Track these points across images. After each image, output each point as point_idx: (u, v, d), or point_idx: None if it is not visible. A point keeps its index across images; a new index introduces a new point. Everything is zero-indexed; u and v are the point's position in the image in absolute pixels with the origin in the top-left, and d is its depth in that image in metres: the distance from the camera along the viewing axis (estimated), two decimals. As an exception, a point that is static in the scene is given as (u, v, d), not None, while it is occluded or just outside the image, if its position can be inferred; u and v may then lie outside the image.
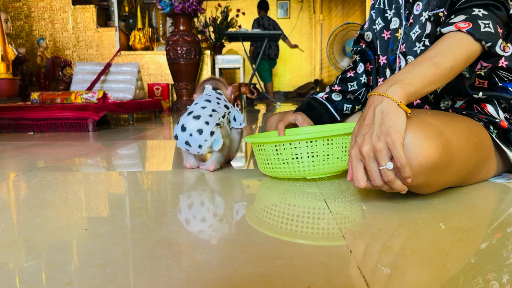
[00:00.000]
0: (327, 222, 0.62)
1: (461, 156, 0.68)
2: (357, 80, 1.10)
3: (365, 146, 0.62)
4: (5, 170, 1.09)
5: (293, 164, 0.83)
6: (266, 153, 0.86)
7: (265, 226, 0.60)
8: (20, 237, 0.57)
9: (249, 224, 0.61)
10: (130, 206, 0.73)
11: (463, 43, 0.69)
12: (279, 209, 0.71)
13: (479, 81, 0.82)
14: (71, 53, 4.28)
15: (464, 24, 0.70)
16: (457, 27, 0.70)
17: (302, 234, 0.57)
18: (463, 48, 0.69)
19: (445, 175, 0.67)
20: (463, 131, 0.71)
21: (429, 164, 0.62)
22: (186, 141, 0.97)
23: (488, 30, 0.69)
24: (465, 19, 0.71)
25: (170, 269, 0.45)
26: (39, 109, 2.17)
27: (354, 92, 1.11)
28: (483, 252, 0.50)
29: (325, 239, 0.55)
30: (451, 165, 0.66)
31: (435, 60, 0.67)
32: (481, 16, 0.71)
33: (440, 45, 0.70)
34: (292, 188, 0.83)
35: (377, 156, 0.61)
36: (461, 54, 0.69)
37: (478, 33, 0.69)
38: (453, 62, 0.68)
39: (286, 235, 0.57)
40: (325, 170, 0.84)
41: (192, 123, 0.96)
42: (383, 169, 0.61)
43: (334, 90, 1.12)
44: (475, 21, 0.70)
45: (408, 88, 0.64)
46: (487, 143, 0.77)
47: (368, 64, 1.07)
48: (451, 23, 0.71)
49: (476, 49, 0.70)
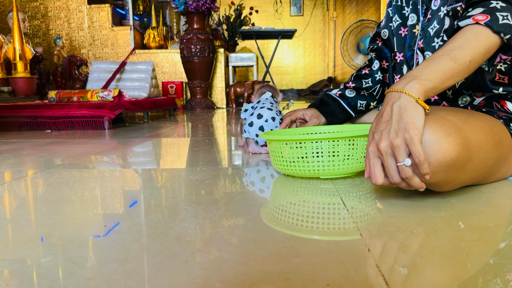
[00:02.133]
0: (343, 219, 0.62)
1: (480, 153, 0.67)
2: (371, 76, 1.09)
3: (382, 142, 0.61)
4: (24, 167, 1.11)
5: (306, 162, 0.84)
6: (283, 151, 0.87)
7: (282, 224, 0.60)
8: (40, 233, 0.58)
9: (265, 222, 0.61)
10: (145, 203, 0.74)
11: (481, 36, 0.67)
12: (295, 206, 0.71)
13: (500, 77, 0.80)
14: (86, 52, 4.33)
15: (482, 16, 0.68)
16: (474, 20, 0.68)
17: (319, 231, 0.57)
18: (481, 41, 0.67)
19: (464, 173, 0.66)
20: (483, 128, 0.70)
21: (448, 161, 0.61)
22: (260, 126, 1.16)
23: (507, 22, 0.67)
24: (483, 12, 0.69)
25: (188, 266, 0.46)
26: (56, 107, 2.20)
27: (369, 88, 1.10)
28: (504, 251, 0.49)
29: (342, 237, 0.55)
30: (470, 163, 0.65)
31: (453, 54, 0.66)
32: (499, 8, 0.69)
33: (457, 39, 0.68)
34: (306, 185, 0.83)
35: (395, 153, 0.60)
36: (479, 48, 0.67)
37: (497, 25, 0.67)
38: (471, 56, 0.66)
39: (303, 232, 0.57)
40: (343, 170, 0.84)
41: (268, 112, 1.18)
42: (401, 165, 0.60)
43: (348, 87, 1.12)
44: (493, 13, 0.68)
45: (426, 84, 0.63)
46: (507, 141, 0.76)
47: (384, 61, 1.07)
48: (468, 16, 0.70)
49: (495, 41, 0.68)
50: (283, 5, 7.26)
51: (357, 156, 0.83)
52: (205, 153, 1.28)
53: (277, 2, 7.26)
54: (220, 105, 4.47)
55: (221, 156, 1.27)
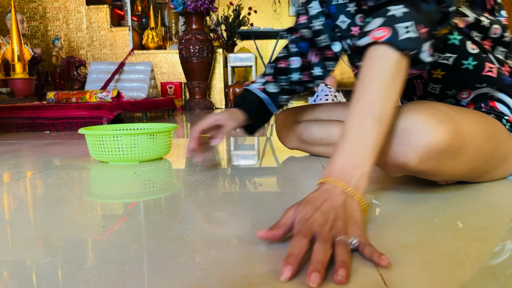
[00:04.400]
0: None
1: (474, 142, 0.67)
2: (289, 76, 1.04)
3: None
4: (22, 168, 1.11)
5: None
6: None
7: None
8: (39, 234, 0.58)
9: (264, 222, 0.61)
10: (144, 203, 0.74)
11: (387, 61, 0.58)
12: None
13: (433, 86, 0.79)
14: (85, 52, 4.33)
15: (381, 32, 0.59)
16: (373, 38, 0.59)
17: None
18: (390, 69, 0.58)
19: (460, 161, 0.66)
20: (475, 118, 0.69)
21: (442, 148, 0.61)
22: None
23: (410, 36, 0.58)
24: (383, 24, 0.59)
25: (187, 267, 0.46)
26: (55, 108, 2.20)
27: (288, 85, 1.04)
28: (503, 251, 0.49)
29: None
30: (464, 151, 0.65)
31: (375, 111, 0.56)
32: (400, 17, 0.59)
33: (368, 78, 0.59)
34: (312, 187, 0.83)
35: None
36: (393, 80, 0.58)
37: (399, 41, 0.58)
38: (392, 99, 0.57)
39: (302, 233, 0.57)
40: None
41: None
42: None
43: (269, 81, 1.04)
44: (394, 25, 0.58)
45: (367, 176, 0.55)
46: (504, 135, 0.75)
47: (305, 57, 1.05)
48: (367, 31, 0.61)
49: (404, 62, 0.59)
50: (281, 5, 7.26)
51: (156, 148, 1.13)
52: (204, 154, 1.28)
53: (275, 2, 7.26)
54: (219, 106, 4.47)
55: (220, 156, 1.27)
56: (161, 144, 1.14)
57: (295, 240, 0.46)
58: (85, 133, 1.12)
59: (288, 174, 0.98)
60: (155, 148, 1.13)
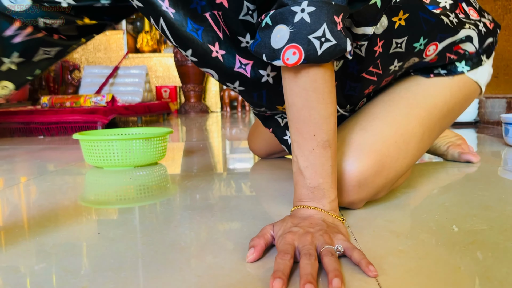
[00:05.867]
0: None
1: (388, 155, 0.67)
2: None
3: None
4: (16, 174, 1.11)
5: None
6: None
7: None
8: (34, 241, 0.58)
9: (260, 228, 0.61)
10: (140, 209, 0.74)
11: (312, 82, 0.53)
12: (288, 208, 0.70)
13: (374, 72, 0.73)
14: (79, 56, 4.31)
15: (293, 55, 0.50)
16: (288, 65, 0.51)
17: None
18: (318, 88, 0.54)
19: (391, 171, 0.67)
20: (402, 119, 0.69)
21: (365, 177, 0.64)
22: None
23: (328, 46, 0.50)
24: (291, 40, 0.50)
25: (183, 273, 0.46)
26: (49, 113, 2.19)
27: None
28: (498, 255, 0.50)
29: (337, 242, 0.55)
30: (387, 164, 0.66)
31: (320, 140, 0.55)
32: (308, 24, 0.49)
33: (300, 106, 0.55)
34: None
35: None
36: (324, 97, 0.54)
37: (318, 58, 0.50)
38: (330, 117, 0.56)
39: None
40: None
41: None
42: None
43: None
44: (306, 38, 0.49)
45: (336, 200, 0.58)
46: (431, 94, 0.73)
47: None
48: (275, 49, 0.52)
49: (329, 69, 0.54)
50: (276, 8, 7.28)
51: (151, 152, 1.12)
52: (199, 158, 1.28)
53: (270, 6, 7.27)
54: (214, 109, 4.47)
55: (216, 160, 1.27)
56: (156, 149, 1.14)
57: (278, 257, 0.45)
58: (79, 139, 1.11)
59: (284, 178, 0.98)
60: (150, 153, 1.13)
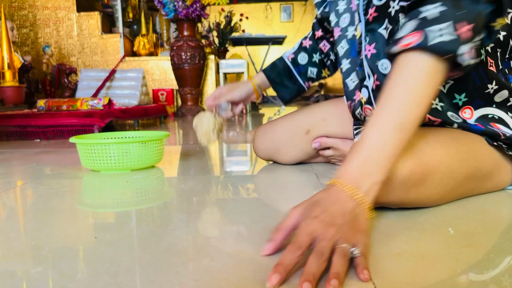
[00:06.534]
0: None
1: (441, 167, 0.64)
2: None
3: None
4: (13, 178, 1.10)
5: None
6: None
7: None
8: (30, 245, 0.57)
9: (257, 231, 0.61)
10: (136, 212, 0.74)
11: (417, 68, 0.56)
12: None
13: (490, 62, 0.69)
14: (76, 60, 4.31)
15: (411, 38, 0.56)
16: (403, 46, 0.56)
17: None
18: (420, 75, 0.55)
19: (426, 188, 0.63)
20: (446, 140, 0.66)
21: (400, 179, 0.59)
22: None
23: (443, 40, 0.54)
24: (416, 28, 0.56)
25: (180, 277, 0.46)
26: (45, 116, 2.18)
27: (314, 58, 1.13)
28: (494, 258, 0.50)
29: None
30: (429, 178, 0.62)
31: (397, 119, 0.55)
32: (433, 19, 0.55)
33: (395, 84, 0.56)
34: (302, 190, 0.83)
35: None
36: (422, 87, 0.55)
37: (430, 46, 0.54)
38: (419, 106, 0.55)
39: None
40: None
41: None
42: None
43: (303, 48, 1.16)
44: (425, 29, 0.55)
45: (379, 185, 0.55)
46: (485, 154, 0.71)
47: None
48: (398, 38, 0.58)
49: (439, 67, 0.56)
50: (273, 11, 7.31)
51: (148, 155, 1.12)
52: (196, 161, 1.28)
53: (267, 9, 7.30)
54: (211, 112, 4.46)
55: (213, 163, 1.27)
56: (153, 152, 1.14)
57: (289, 250, 0.45)
58: (76, 142, 1.11)
59: (282, 181, 0.98)
60: (147, 156, 1.12)
